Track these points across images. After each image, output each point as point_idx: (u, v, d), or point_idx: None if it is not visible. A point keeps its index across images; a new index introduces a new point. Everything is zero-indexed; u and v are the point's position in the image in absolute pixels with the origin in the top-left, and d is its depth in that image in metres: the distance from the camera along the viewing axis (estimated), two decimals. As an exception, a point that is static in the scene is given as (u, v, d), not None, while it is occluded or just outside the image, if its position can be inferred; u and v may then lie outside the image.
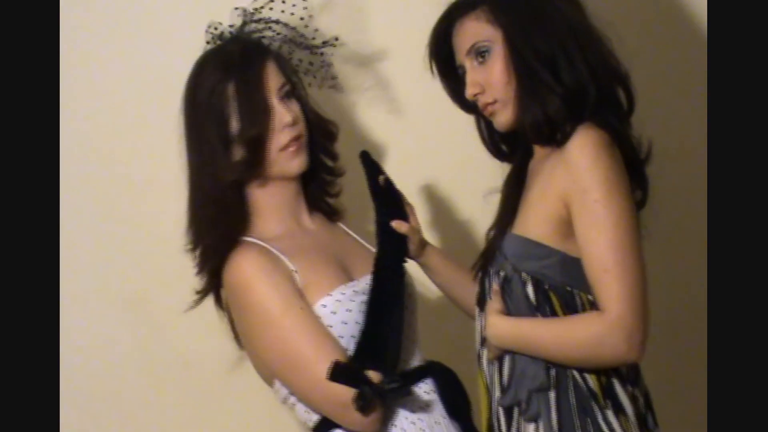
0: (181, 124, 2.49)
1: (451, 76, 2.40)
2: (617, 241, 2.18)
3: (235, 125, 2.43)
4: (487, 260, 2.36)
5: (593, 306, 2.24)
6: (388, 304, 2.40)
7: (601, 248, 2.19)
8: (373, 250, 2.51)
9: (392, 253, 2.48)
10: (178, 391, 3.05)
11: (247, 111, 2.42)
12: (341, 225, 2.64)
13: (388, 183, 2.54)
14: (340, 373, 2.29)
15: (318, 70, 2.61)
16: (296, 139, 2.47)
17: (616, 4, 2.39)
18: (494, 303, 2.30)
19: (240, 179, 2.45)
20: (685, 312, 2.98)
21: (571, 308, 2.25)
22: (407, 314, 2.47)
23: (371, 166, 2.55)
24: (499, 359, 2.31)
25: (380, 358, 2.36)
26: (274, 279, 2.38)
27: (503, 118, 2.33)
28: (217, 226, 2.43)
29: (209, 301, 2.51)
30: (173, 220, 2.51)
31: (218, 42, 2.52)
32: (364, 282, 2.45)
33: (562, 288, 2.26)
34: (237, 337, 2.52)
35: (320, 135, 2.55)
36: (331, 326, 2.38)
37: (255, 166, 2.44)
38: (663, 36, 3.06)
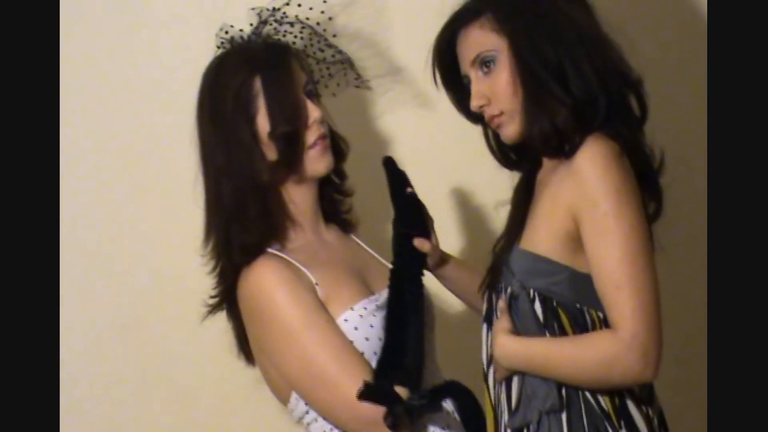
0: (201, 126, 2.40)
1: (456, 86, 2.32)
2: (629, 256, 2.10)
3: (262, 123, 2.35)
4: (494, 276, 2.28)
5: (604, 323, 2.16)
6: (407, 318, 2.33)
7: (613, 264, 2.10)
8: (388, 264, 2.44)
9: (410, 265, 2.41)
10: (174, 418, 2.98)
11: (280, 106, 2.35)
12: (353, 237, 2.57)
13: (413, 195, 2.47)
14: (370, 391, 2.23)
15: (337, 73, 2.54)
16: (323, 137, 2.40)
17: (613, 7, 2.29)
18: (502, 322, 2.22)
19: (275, 180, 2.38)
20: (686, 321, 2.93)
21: (580, 326, 2.17)
22: (426, 330, 2.40)
23: (396, 174, 2.47)
24: (507, 380, 2.23)
25: (406, 374, 2.29)
26: (297, 291, 2.31)
27: (510, 130, 2.25)
28: (251, 231, 2.35)
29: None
30: (166, 246, 2.47)
31: (228, 47, 2.45)
32: (386, 296, 2.38)
33: (572, 305, 2.18)
34: (245, 352, 2.46)
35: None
36: (352, 342, 2.32)
37: (290, 164, 2.37)
38: (662, 39, 2.98)
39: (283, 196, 2.40)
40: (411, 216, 2.45)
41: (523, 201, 2.30)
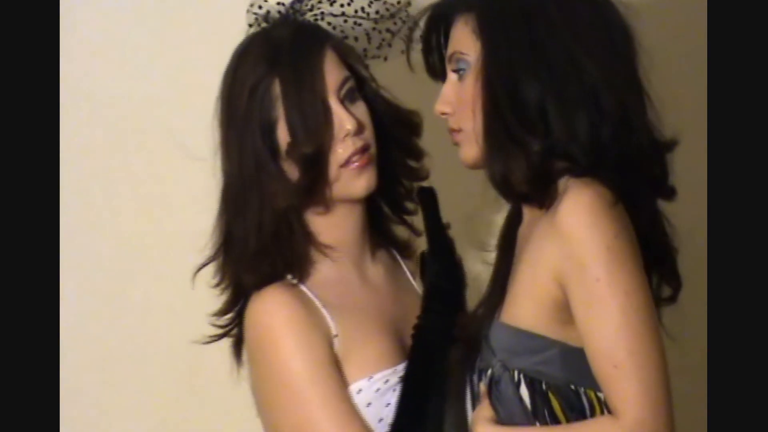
0: (217, 133, 2.05)
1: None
2: (627, 329, 1.77)
3: (283, 135, 1.99)
4: (472, 352, 1.95)
5: (605, 406, 1.84)
6: (428, 395, 1.99)
7: (608, 338, 1.78)
8: None
9: (441, 326, 2.04)
10: None
11: (300, 118, 1.97)
12: (404, 266, 2.19)
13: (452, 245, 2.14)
14: None
15: (396, 34, 2.13)
16: (362, 151, 2.01)
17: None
18: (482, 410, 1.89)
19: (294, 205, 2.00)
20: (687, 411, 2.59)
21: (577, 411, 1.85)
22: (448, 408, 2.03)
23: (436, 214, 2.13)
24: (494, 477, 1.91)
25: None
26: (308, 339, 1.96)
27: (466, 153, 1.93)
28: (262, 264, 1.99)
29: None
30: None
31: (263, 24, 2.06)
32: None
33: (565, 386, 1.85)
34: None
35: (400, 131, 2.10)
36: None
37: (313, 188, 2.00)
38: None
39: (310, 223, 2.04)
40: (449, 268, 2.11)
41: (504, 260, 1.97)
